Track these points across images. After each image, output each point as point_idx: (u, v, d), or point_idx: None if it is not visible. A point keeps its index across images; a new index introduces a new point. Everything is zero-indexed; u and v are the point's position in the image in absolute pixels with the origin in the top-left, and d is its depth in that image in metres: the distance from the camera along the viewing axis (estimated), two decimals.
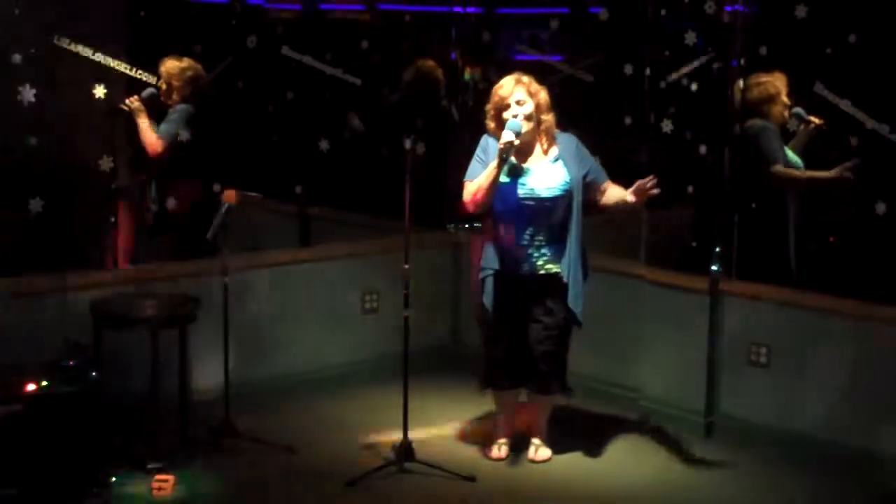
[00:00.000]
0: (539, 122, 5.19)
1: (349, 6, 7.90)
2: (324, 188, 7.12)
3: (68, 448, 4.75)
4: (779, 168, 5.90)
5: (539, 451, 5.44)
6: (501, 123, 5.12)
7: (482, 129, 5.30)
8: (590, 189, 5.24)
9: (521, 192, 5.15)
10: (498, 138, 5.09)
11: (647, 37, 6.19)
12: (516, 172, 5.15)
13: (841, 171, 5.77)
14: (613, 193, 5.27)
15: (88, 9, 6.49)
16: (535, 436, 5.48)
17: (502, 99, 5.16)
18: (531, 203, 5.14)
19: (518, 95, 5.14)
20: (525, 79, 5.19)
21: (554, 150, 5.23)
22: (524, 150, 5.18)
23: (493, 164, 5.06)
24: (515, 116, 5.10)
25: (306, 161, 6.98)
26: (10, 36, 5.90)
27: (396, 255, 5.44)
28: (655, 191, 5.11)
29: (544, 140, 5.22)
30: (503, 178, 5.10)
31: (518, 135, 5.04)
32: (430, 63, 7.33)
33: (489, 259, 5.24)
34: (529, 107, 5.14)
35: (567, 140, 5.26)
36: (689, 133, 6.08)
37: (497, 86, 5.22)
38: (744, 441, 5.65)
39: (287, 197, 7.05)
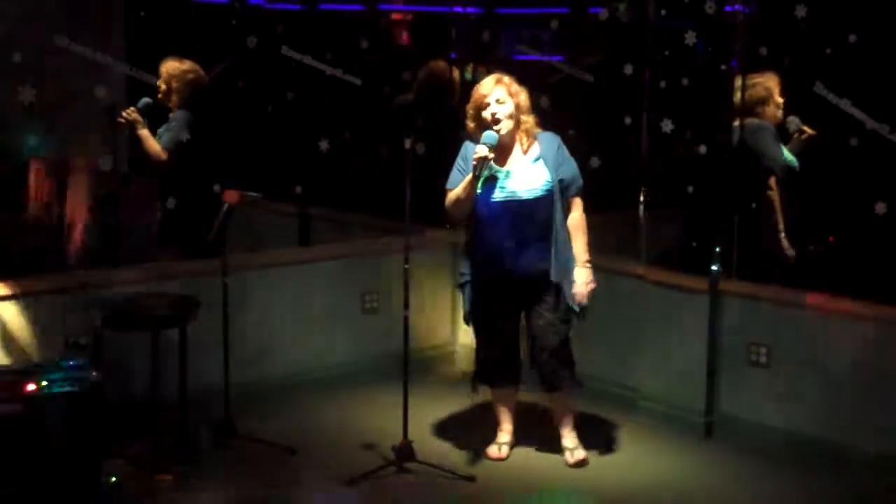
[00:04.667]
0: (519, 123, 5.19)
1: (349, 6, 7.90)
2: (324, 188, 7.12)
3: (68, 448, 4.74)
4: (772, 183, 5.92)
5: (575, 453, 5.38)
6: (481, 123, 5.13)
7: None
8: (562, 197, 5.23)
9: (501, 194, 5.15)
10: (477, 140, 5.09)
11: (647, 37, 6.19)
12: (492, 180, 5.14)
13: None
14: (575, 238, 5.23)
15: (88, 9, 6.49)
16: (566, 439, 5.43)
17: (482, 97, 5.16)
18: (513, 204, 5.14)
19: (498, 94, 5.14)
20: (506, 79, 5.19)
21: (535, 150, 5.22)
22: (504, 151, 5.18)
23: (469, 177, 5.07)
24: (495, 115, 5.10)
25: (306, 161, 6.98)
26: (10, 36, 5.91)
27: (396, 255, 5.44)
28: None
29: (524, 140, 5.22)
30: (488, 179, 5.11)
31: (492, 148, 5.03)
32: (443, 64, 7.33)
33: (468, 264, 5.26)
34: (509, 106, 5.14)
35: (549, 140, 5.25)
36: (689, 133, 6.09)
37: (477, 85, 5.22)
38: (744, 441, 5.65)
39: (287, 197, 7.05)
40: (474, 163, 5.01)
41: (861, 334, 5.37)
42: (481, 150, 5.01)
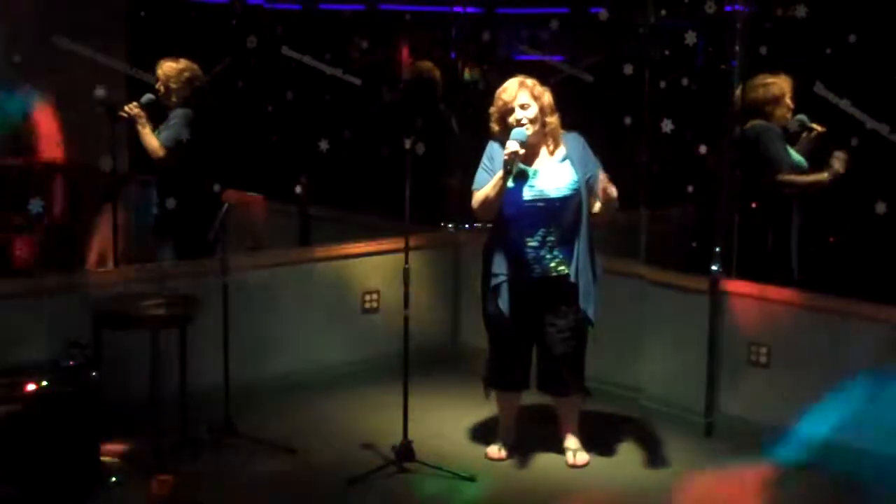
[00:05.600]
0: (544, 125, 5.17)
1: (349, 6, 7.90)
2: (324, 188, 7.12)
3: (68, 448, 4.74)
4: (782, 176, 5.90)
5: (577, 455, 5.39)
6: (506, 127, 5.11)
7: (481, 131, 5.30)
8: (590, 194, 5.23)
9: (529, 193, 5.13)
10: (502, 141, 5.08)
11: (647, 37, 6.19)
12: (522, 177, 5.13)
13: (833, 171, 5.78)
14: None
15: (88, 9, 6.49)
16: (568, 441, 5.44)
17: (506, 103, 5.13)
18: (541, 204, 5.13)
19: (522, 99, 5.12)
20: (529, 82, 5.17)
21: (561, 151, 5.21)
22: (530, 153, 5.16)
23: (499, 174, 5.05)
24: (520, 121, 5.09)
25: (306, 161, 6.98)
26: (10, 36, 5.91)
27: (396, 255, 5.44)
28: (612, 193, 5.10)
29: (550, 142, 5.20)
30: (509, 184, 5.09)
31: (523, 144, 5.02)
32: (428, 64, 7.34)
33: (500, 264, 5.20)
34: (534, 110, 5.12)
35: (574, 140, 5.24)
36: (689, 133, 6.08)
37: (500, 89, 5.18)
38: (744, 441, 5.65)
39: (287, 197, 7.05)
40: (505, 158, 5.00)
41: (861, 334, 5.37)
42: (512, 146, 4.99)
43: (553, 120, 5.18)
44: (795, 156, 5.99)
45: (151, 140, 6.21)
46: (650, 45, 6.17)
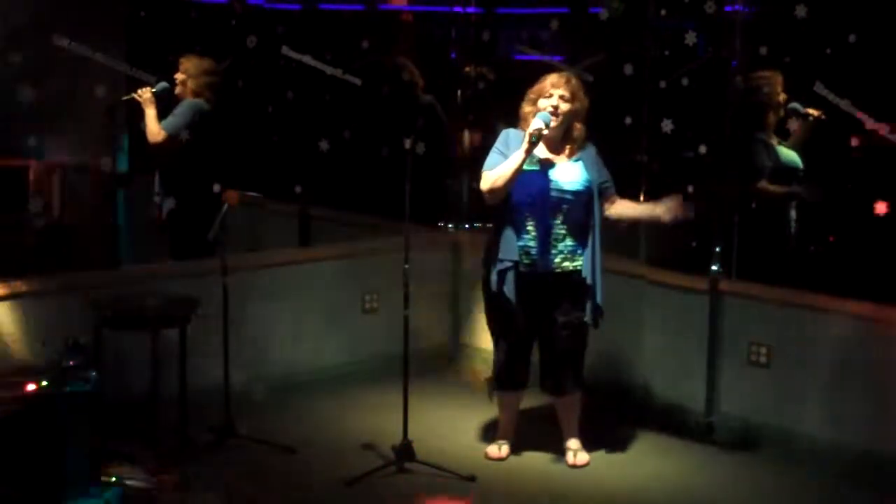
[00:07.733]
0: (570, 128, 5.21)
1: (349, 6, 7.91)
2: (324, 188, 7.12)
3: (68, 448, 4.74)
4: (761, 185, 5.98)
5: (578, 455, 5.39)
6: (536, 108, 5.16)
7: (479, 128, 5.30)
8: (600, 199, 5.26)
9: (543, 182, 5.15)
10: (525, 127, 5.12)
11: (647, 37, 6.19)
12: (545, 164, 5.16)
13: (805, 192, 6.00)
14: (631, 206, 5.39)
15: (88, 9, 6.51)
16: (568, 441, 5.44)
17: (547, 87, 5.19)
18: (554, 195, 5.15)
19: (564, 92, 5.17)
20: (574, 82, 5.23)
21: (576, 155, 5.25)
22: (549, 147, 5.21)
23: (522, 148, 5.07)
24: (556, 107, 5.13)
25: (306, 161, 6.98)
26: (9, 36, 5.92)
27: (396, 255, 5.44)
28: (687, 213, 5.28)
29: (569, 146, 5.24)
30: (531, 167, 5.11)
31: (547, 126, 5.07)
32: (401, 60, 7.36)
33: (507, 251, 5.20)
34: (566, 107, 5.16)
35: (588, 147, 5.29)
36: (689, 133, 6.09)
37: (548, 75, 5.24)
38: (744, 441, 5.65)
39: (287, 197, 7.05)
40: (531, 131, 5.04)
41: (861, 334, 5.37)
42: (536, 124, 5.05)
43: (579, 127, 5.24)
44: (788, 156, 6.00)
45: (154, 123, 6.25)
46: (650, 45, 6.17)
